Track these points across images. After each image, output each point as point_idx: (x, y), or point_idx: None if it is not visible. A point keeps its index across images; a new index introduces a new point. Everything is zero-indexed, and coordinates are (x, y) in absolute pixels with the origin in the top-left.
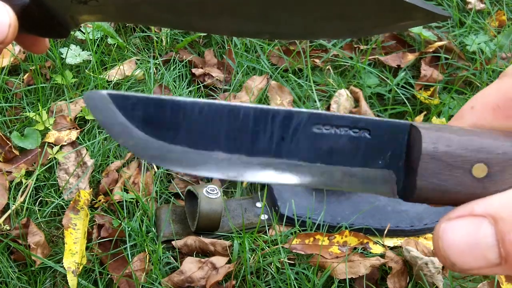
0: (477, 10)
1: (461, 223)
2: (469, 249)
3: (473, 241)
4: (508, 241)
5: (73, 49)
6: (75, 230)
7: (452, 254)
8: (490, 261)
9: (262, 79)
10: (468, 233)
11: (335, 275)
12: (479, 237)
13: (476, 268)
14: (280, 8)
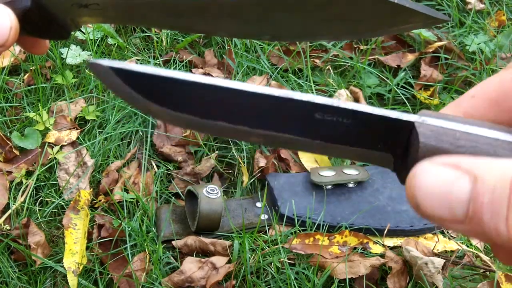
0: (477, 10)
1: (442, 169)
2: (438, 196)
3: (446, 190)
4: (479, 203)
5: (74, 49)
6: (75, 230)
7: (421, 196)
8: (454, 215)
9: (262, 79)
10: (445, 181)
11: (335, 275)
12: (453, 188)
13: (437, 217)
14: (280, 10)
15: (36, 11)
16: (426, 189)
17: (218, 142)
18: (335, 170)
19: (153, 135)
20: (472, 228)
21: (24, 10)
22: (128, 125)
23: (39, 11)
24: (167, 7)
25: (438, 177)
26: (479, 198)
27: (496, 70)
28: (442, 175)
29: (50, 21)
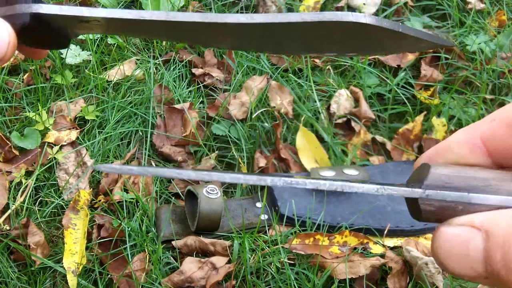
0: (477, 10)
1: (457, 230)
2: (458, 258)
3: (464, 252)
4: (493, 259)
5: (73, 49)
6: (75, 230)
7: (443, 258)
8: (477, 273)
9: (262, 79)
10: (461, 243)
11: (335, 275)
12: (469, 248)
13: (463, 275)
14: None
15: (35, 26)
16: (446, 251)
17: (218, 142)
18: (335, 170)
19: (152, 135)
20: (496, 283)
21: (23, 26)
22: (128, 125)
23: (38, 25)
24: (170, 26)
25: (455, 239)
26: (492, 255)
27: (497, 70)
28: (458, 237)
29: (49, 34)
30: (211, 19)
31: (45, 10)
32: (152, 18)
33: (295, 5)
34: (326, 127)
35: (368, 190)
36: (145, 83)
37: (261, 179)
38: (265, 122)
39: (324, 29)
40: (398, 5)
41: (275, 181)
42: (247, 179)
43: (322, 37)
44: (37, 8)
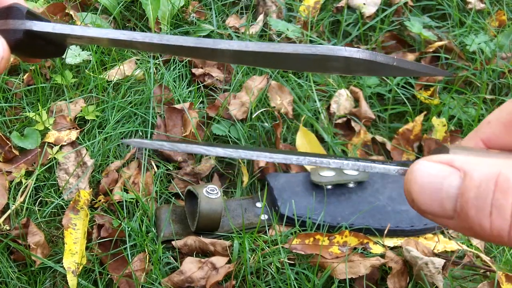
0: (477, 10)
1: (436, 166)
2: (430, 191)
3: (438, 186)
4: (466, 198)
5: (73, 49)
6: (75, 230)
7: (415, 191)
8: (445, 211)
9: (262, 79)
10: (437, 177)
11: (335, 275)
12: (444, 184)
13: (430, 212)
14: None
15: (28, 41)
16: (420, 184)
17: (218, 142)
18: (335, 170)
19: (153, 135)
20: (461, 223)
21: (16, 41)
22: (128, 125)
23: (32, 40)
24: (164, 47)
25: (432, 173)
26: (466, 193)
27: (497, 70)
28: (436, 171)
29: (44, 46)
30: (204, 44)
31: (38, 27)
32: (145, 40)
33: (295, 5)
34: (326, 127)
35: (388, 170)
36: (145, 83)
37: (287, 158)
38: (265, 122)
39: (320, 59)
40: (398, 5)
41: (300, 160)
42: (273, 157)
43: (319, 64)
44: (31, 26)
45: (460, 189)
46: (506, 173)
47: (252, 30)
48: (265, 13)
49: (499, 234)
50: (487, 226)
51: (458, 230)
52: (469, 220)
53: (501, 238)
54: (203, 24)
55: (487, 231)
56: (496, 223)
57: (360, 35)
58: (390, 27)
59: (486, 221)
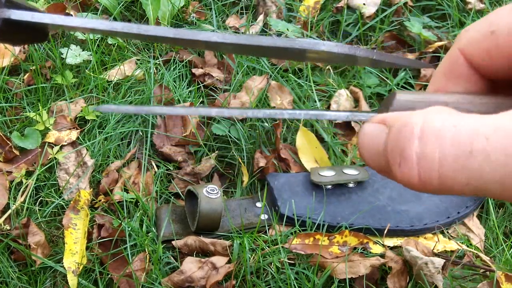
0: (477, 10)
1: (373, 126)
2: (369, 150)
3: (374, 143)
4: (387, 151)
5: (73, 49)
6: (75, 230)
7: (361, 150)
8: (381, 165)
9: (262, 79)
10: (373, 135)
11: (335, 275)
12: (376, 141)
13: (375, 168)
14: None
15: (7, 29)
16: (363, 144)
17: (218, 142)
18: (335, 170)
19: (153, 135)
20: (390, 175)
21: None
22: (128, 125)
23: (11, 28)
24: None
25: (368, 132)
26: (387, 147)
27: None
28: (371, 130)
29: (25, 33)
30: (182, 35)
31: (17, 16)
32: (124, 30)
33: (295, 5)
34: (326, 127)
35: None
36: (145, 83)
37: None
38: (265, 122)
39: (299, 52)
40: (398, 5)
41: (255, 113)
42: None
43: (299, 56)
44: (9, 14)
45: (384, 144)
46: (412, 122)
47: (252, 30)
48: (265, 13)
49: (410, 181)
50: (399, 174)
51: (397, 181)
52: (391, 171)
53: (413, 184)
54: (203, 24)
55: (399, 179)
56: (404, 171)
57: (360, 35)
58: (390, 27)
59: (398, 171)
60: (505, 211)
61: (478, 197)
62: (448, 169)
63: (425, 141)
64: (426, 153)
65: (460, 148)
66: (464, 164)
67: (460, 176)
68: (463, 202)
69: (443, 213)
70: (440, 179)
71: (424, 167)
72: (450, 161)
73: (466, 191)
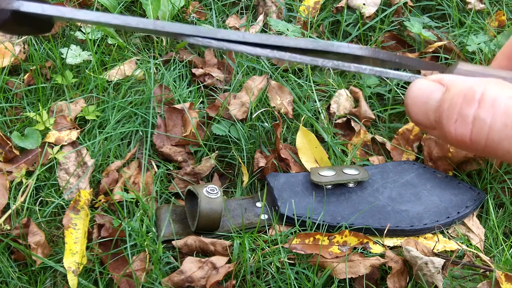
0: (477, 10)
1: (428, 83)
2: (420, 104)
3: (424, 100)
4: (442, 108)
5: (74, 49)
6: (76, 230)
7: (409, 104)
8: (429, 121)
9: (262, 79)
10: (425, 91)
11: (335, 275)
12: (430, 97)
13: (420, 122)
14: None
15: (15, 21)
16: (413, 98)
17: (218, 142)
18: (335, 170)
19: (153, 135)
20: (439, 132)
21: (3, 22)
22: (128, 125)
23: (19, 20)
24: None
25: (422, 88)
26: (442, 105)
27: None
28: (426, 87)
29: (31, 24)
30: (202, 33)
31: (26, 8)
32: (139, 26)
33: (295, 5)
34: (326, 127)
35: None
36: (145, 83)
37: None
38: (265, 122)
39: (323, 54)
40: (398, 5)
41: (325, 62)
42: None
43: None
44: (18, 6)
45: (439, 101)
46: (474, 87)
47: (252, 30)
48: (265, 13)
49: (462, 139)
50: (453, 131)
51: (440, 139)
52: (443, 127)
53: (464, 142)
54: (203, 24)
55: (453, 136)
56: (459, 129)
57: (360, 35)
58: (390, 27)
59: (452, 127)
60: (505, 211)
61: (478, 197)
62: (495, 134)
63: (482, 106)
64: (481, 116)
65: (509, 118)
66: (509, 133)
67: (504, 143)
68: (463, 202)
69: (443, 213)
70: (487, 142)
71: (477, 127)
72: (498, 127)
73: (506, 158)
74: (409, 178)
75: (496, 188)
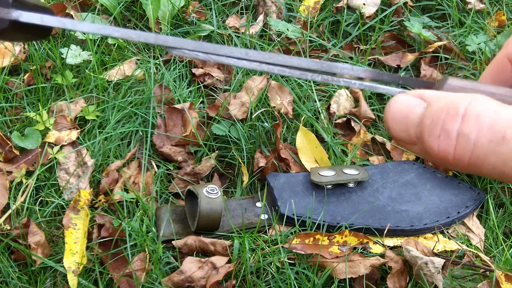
0: (476, 10)
1: (408, 98)
2: (400, 120)
3: (406, 114)
4: (424, 123)
5: (74, 49)
6: (76, 230)
7: (389, 119)
8: (410, 137)
9: (262, 79)
10: (407, 106)
11: (335, 275)
12: (410, 112)
13: (399, 138)
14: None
15: (14, 30)
16: (393, 113)
17: (218, 142)
18: (335, 170)
19: (153, 135)
20: (420, 147)
21: (1, 31)
22: (128, 125)
23: (18, 30)
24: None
25: (403, 103)
26: (424, 120)
27: None
28: (406, 102)
29: (29, 33)
30: (204, 49)
31: (25, 19)
32: (140, 40)
33: (295, 5)
34: (326, 127)
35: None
36: (145, 83)
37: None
38: (265, 122)
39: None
40: (397, 5)
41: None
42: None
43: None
44: (17, 16)
45: (421, 117)
46: (458, 102)
47: (252, 30)
48: (265, 13)
49: (445, 155)
50: (436, 147)
51: (421, 154)
52: (424, 143)
53: (447, 159)
54: (203, 24)
55: (435, 152)
56: (442, 145)
57: (360, 35)
58: (390, 27)
59: (435, 143)
60: (505, 211)
61: (478, 197)
62: (480, 150)
63: (466, 121)
64: (464, 132)
65: (494, 133)
66: (495, 149)
67: (490, 159)
68: (463, 202)
69: (443, 213)
70: (471, 158)
71: (461, 143)
72: (483, 143)
73: (492, 174)
74: (409, 178)
75: (496, 188)
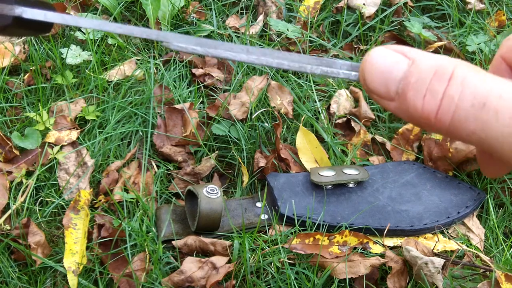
0: (476, 10)
1: (390, 52)
2: (380, 73)
3: (387, 69)
4: (408, 81)
5: (74, 49)
6: (76, 230)
7: (367, 70)
8: (388, 92)
9: (262, 79)
10: (388, 61)
11: (335, 275)
12: (393, 67)
13: (376, 92)
14: None
15: (17, 26)
16: (373, 66)
17: (218, 142)
18: (335, 170)
19: (153, 135)
20: (399, 105)
21: (4, 27)
22: (128, 125)
23: (21, 26)
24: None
25: (385, 56)
26: (409, 77)
27: None
28: (389, 56)
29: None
30: (204, 45)
31: (29, 15)
32: (143, 36)
33: (295, 5)
34: (326, 127)
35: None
36: (145, 83)
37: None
38: (265, 122)
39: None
40: (397, 5)
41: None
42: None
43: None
44: (21, 12)
45: (405, 73)
46: (446, 65)
47: (252, 30)
48: (265, 13)
49: (428, 115)
50: (419, 106)
51: (396, 112)
52: (406, 101)
53: (429, 119)
54: (203, 24)
55: (418, 111)
56: (427, 105)
57: (360, 35)
58: (390, 27)
59: (419, 102)
60: (505, 211)
61: (478, 197)
62: (462, 113)
63: (452, 83)
64: (449, 94)
65: (476, 98)
66: (475, 114)
67: (469, 123)
68: (463, 202)
69: (443, 213)
70: (452, 121)
71: (444, 105)
72: (465, 106)
73: (470, 139)
74: (409, 178)
75: (496, 188)
